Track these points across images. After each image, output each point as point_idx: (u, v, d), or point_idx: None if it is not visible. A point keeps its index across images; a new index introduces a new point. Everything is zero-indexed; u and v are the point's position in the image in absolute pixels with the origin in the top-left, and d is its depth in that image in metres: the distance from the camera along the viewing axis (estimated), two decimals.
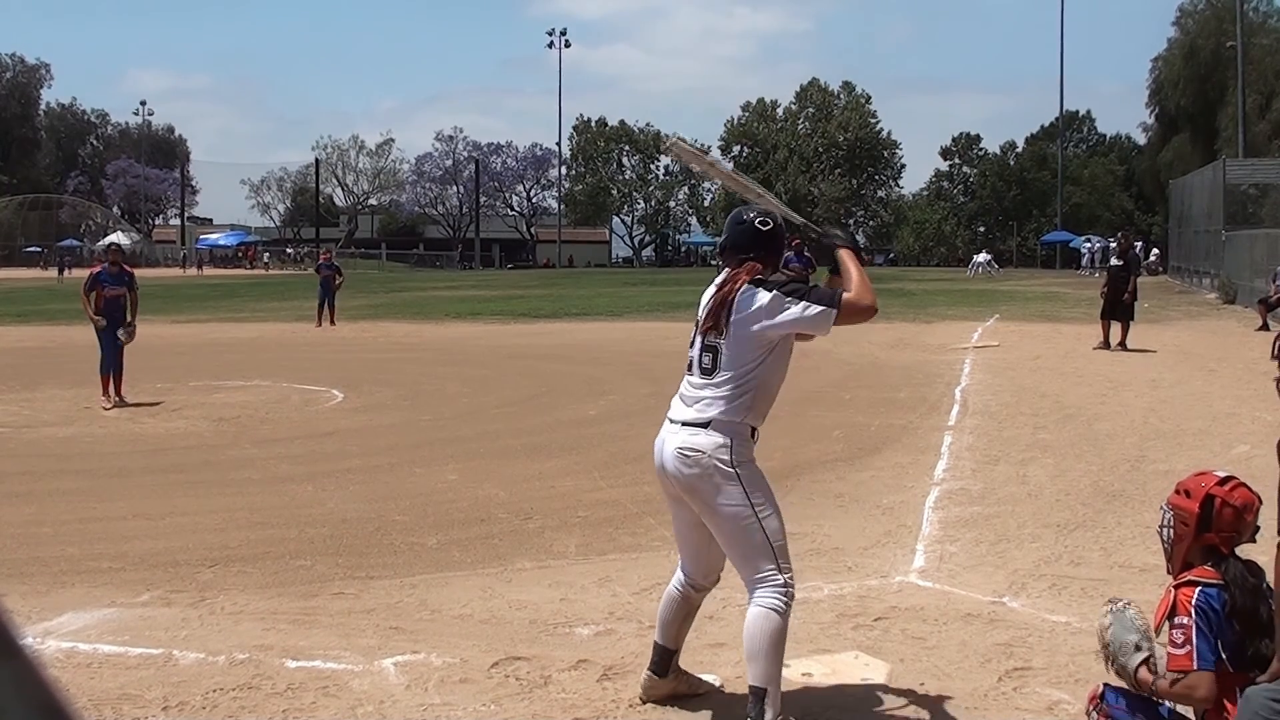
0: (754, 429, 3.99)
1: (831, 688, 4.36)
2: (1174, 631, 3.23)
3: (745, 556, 3.91)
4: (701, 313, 4.09)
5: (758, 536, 3.87)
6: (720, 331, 3.94)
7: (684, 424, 3.95)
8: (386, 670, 4.56)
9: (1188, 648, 3.18)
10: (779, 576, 3.88)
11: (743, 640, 3.94)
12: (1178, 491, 3.45)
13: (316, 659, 4.68)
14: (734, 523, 3.88)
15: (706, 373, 3.95)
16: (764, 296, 3.89)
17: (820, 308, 3.87)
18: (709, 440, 3.88)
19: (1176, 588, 3.30)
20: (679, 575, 4.22)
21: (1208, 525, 3.32)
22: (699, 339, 4.03)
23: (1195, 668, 3.16)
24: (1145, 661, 3.37)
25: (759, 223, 4.10)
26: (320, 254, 26.31)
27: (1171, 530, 3.42)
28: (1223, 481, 3.38)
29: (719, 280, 4.09)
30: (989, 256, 58.83)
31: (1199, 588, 3.23)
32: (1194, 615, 3.18)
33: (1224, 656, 3.17)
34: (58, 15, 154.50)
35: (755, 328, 3.91)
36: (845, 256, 4.05)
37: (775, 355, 4.00)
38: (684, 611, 4.23)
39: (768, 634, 3.82)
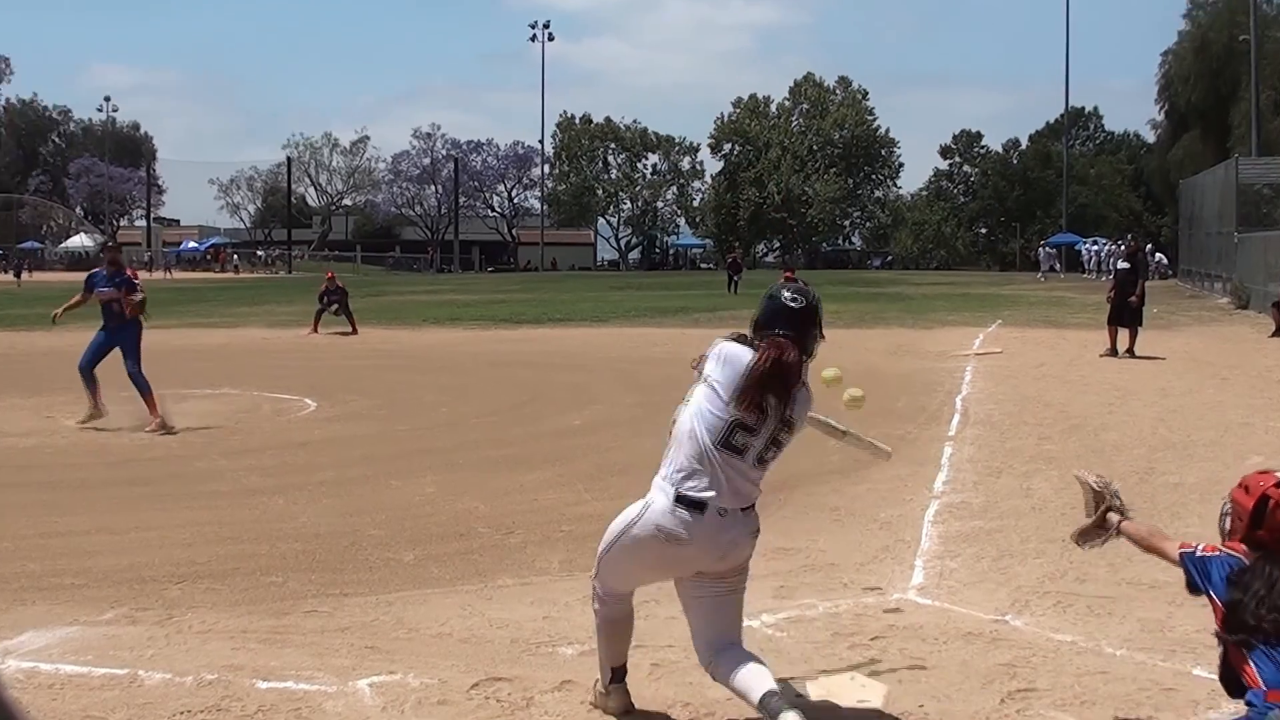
0: None
1: (826, 711, 4.24)
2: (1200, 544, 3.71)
3: (739, 617, 4.12)
4: (762, 401, 3.93)
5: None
6: (792, 429, 4.06)
7: (742, 510, 4.02)
8: (361, 691, 4.46)
9: (1197, 550, 3.68)
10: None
11: (750, 673, 3.87)
12: (1240, 486, 3.70)
13: (288, 680, 4.60)
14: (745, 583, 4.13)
15: (762, 463, 4.04)
16: (809, 394, 4.13)
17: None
18: (757, 517, 4.10)
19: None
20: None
21: (1259, 523, 3.58)
22: (764, 433, 3.96)
23: (1185, 563, 3.69)
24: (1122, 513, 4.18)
25: (790, 300, 4.13)
26: (325, 277, 24.77)
27: (1228, 520, 3.72)
28: None
29: (767, 358, 3.93)
30: (1053, 251, 54.49)
31: (1222, 552, 3.63)
32: (1213, 551, 3.66)
33: (1218, 600, 3.54)
34: (17, 6, 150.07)
35: (803, 424, 4.15)
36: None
37: None
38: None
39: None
